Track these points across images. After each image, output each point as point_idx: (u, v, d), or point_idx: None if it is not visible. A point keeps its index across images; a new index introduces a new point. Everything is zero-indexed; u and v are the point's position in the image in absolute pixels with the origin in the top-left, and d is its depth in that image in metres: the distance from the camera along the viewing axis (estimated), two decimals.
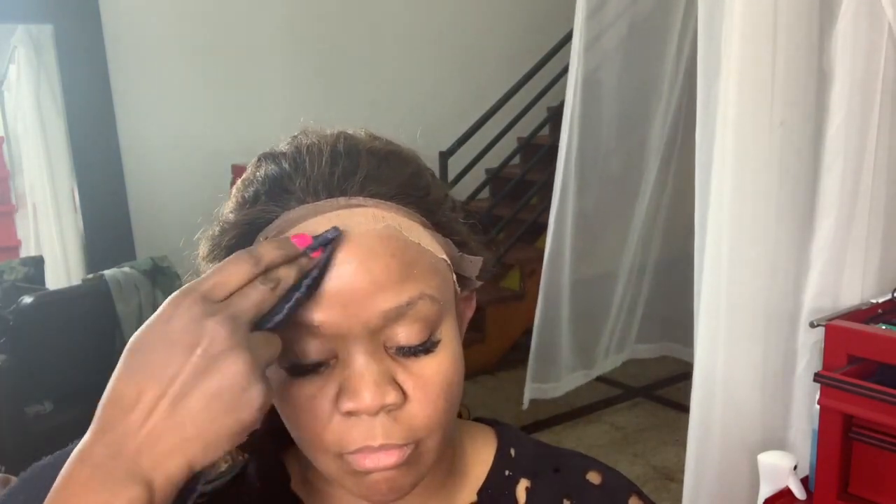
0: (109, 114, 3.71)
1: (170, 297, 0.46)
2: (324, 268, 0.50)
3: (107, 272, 3.09)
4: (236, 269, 0.47)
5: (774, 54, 1.68)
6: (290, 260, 0.49)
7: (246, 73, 4.09)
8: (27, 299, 2.83)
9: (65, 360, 2.89)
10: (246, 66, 4.09)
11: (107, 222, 3.75)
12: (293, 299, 0.49)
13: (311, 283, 0.50)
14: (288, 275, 0.49)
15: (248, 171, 0.58)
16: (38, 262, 3.43)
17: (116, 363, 0.46)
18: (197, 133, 3.96)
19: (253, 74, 4.11)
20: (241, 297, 0.47)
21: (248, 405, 0.45)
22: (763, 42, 1.68)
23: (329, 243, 0.51)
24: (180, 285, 0.48)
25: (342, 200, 0.53)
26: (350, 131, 0.58)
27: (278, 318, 0.49)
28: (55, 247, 4.00)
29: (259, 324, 0.48)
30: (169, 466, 0.44)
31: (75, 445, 0.46)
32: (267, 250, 0.49)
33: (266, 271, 0.48)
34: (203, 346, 0.44)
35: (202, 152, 3.93)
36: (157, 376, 0.44)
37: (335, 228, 0.51)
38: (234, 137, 3.90)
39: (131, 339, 0.46)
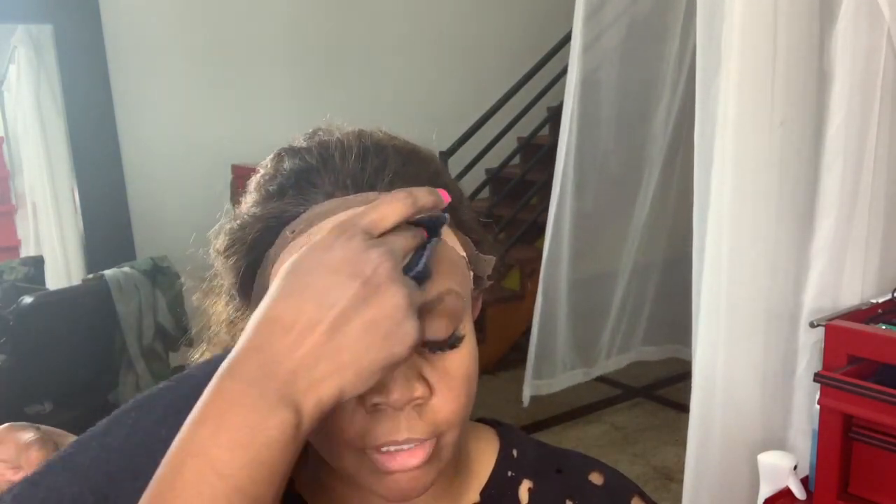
0: (109, 114, 3.71)
1: (329, 228, 0.47)
2: (439, 238, 0.52)
3: (107, 272, 3.08)
4: (394, 207, 0.48)
5: (774, 54, 1.68)
6: (437, 207, 0.50)
7: (246, 74, 4.09)
8: (27, 299, 2.83)
9: (65, 360, 2.89)
10: (246, 66, 4.08)
11: (107, 222, 3.74)
12: (424, 256, 0.50)
13: (430, 252, 0.50)
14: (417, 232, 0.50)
15: (269, 165, 0.59)
16: (38, 262, 3.43)
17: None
18: (197, 133, 3.96)
19: (253, 75, 4.11)
20: (396, 237, 0.47)
21: (402, 339, 0.45)
22: (763, 42, 1.68)
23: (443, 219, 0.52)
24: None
25: (372, 195, 0.54)
26: (367, 130, 0.59)
27: (419, 268, 0.49)
28: (55, 247, 3.99)
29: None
30: (322, 391, 0.44)
31: (191, 371, 0.44)
32: (422, 194, 0.49)
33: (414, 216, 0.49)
34: (367, 276, 0.44)
35: (202, 152, 3.93)
36: (317, 300, 0.44)
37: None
38: (234, 138, 3.90)
39: (288, 263, 0.46)
